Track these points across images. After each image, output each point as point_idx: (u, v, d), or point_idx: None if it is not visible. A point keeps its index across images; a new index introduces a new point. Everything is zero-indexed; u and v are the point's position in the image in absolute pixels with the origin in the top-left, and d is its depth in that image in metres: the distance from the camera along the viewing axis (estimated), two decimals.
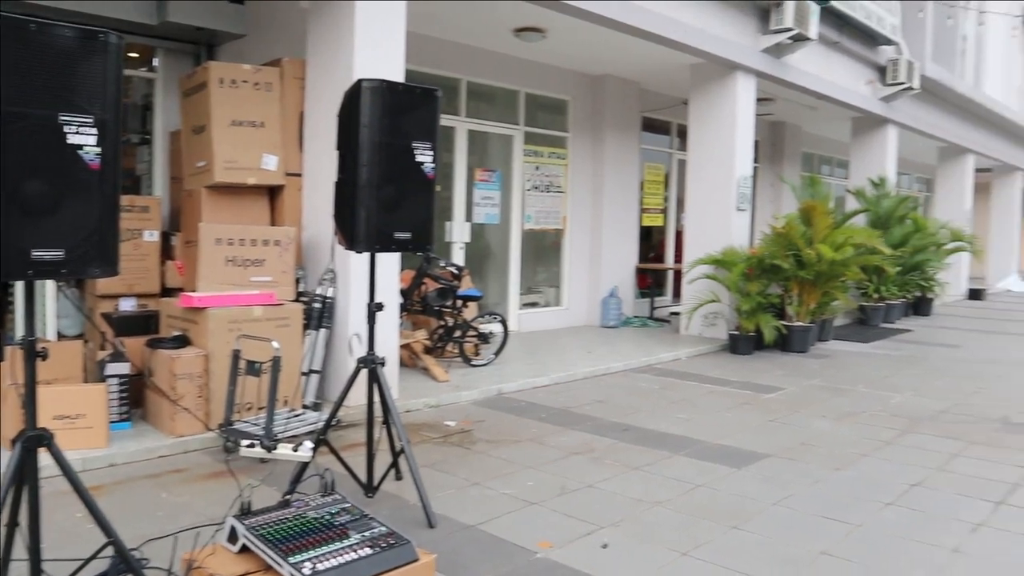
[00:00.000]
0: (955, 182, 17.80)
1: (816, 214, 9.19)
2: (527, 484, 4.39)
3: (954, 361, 9.08)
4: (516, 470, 4.64)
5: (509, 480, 4.45)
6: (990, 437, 5.71)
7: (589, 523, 3.84)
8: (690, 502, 4.17)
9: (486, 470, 4.63)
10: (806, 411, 6.32)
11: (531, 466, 4.71)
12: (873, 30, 11.78)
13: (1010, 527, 3.97)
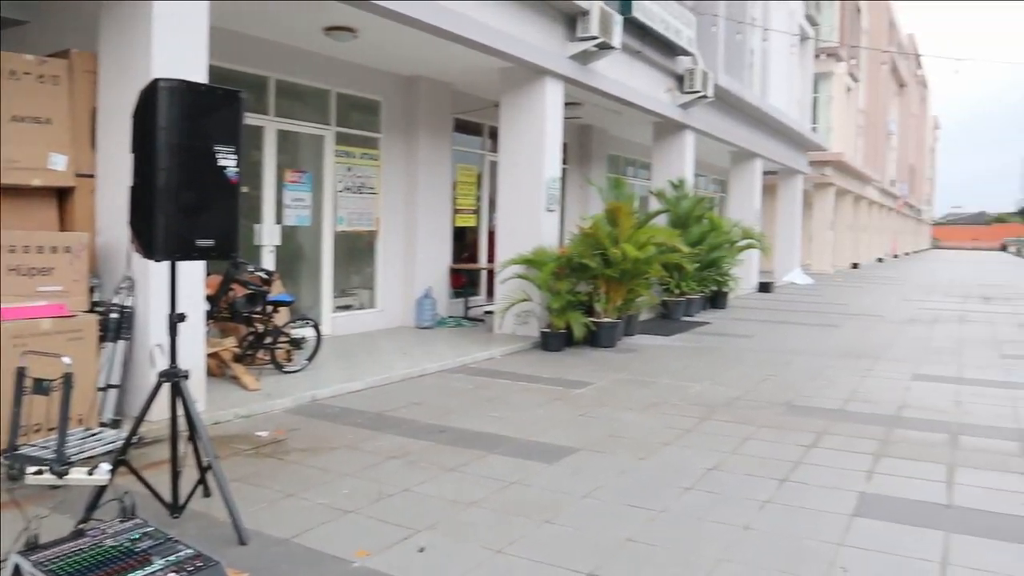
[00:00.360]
0: (746, 184, 19.20)
1: (621, 215, 9.64)
2: (343, 492, 4.34)
3: (746, 351, 9.81)
4: (331, 478, 4.57)
5: (324, 489, 4.38)
6: (776, 420, 6.22)
7: (406, 528, 3.84)
8: (504, 499, 4.27)
9: (300, 480, 4.53)
10: (613, 404, 6.62)
11: (347, 473, 4.66)
12: (672, 41, 12.50)
13: (792, 502, 4.35)
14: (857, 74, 33.54)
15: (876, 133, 39.70)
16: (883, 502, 4.40)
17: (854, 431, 5.94)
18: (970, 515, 4.25)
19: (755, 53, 18.53)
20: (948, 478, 4.87)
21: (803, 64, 23.77)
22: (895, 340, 11.14)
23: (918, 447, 5.56)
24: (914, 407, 6.85)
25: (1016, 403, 7.11)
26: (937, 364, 9.13)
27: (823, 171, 27.15)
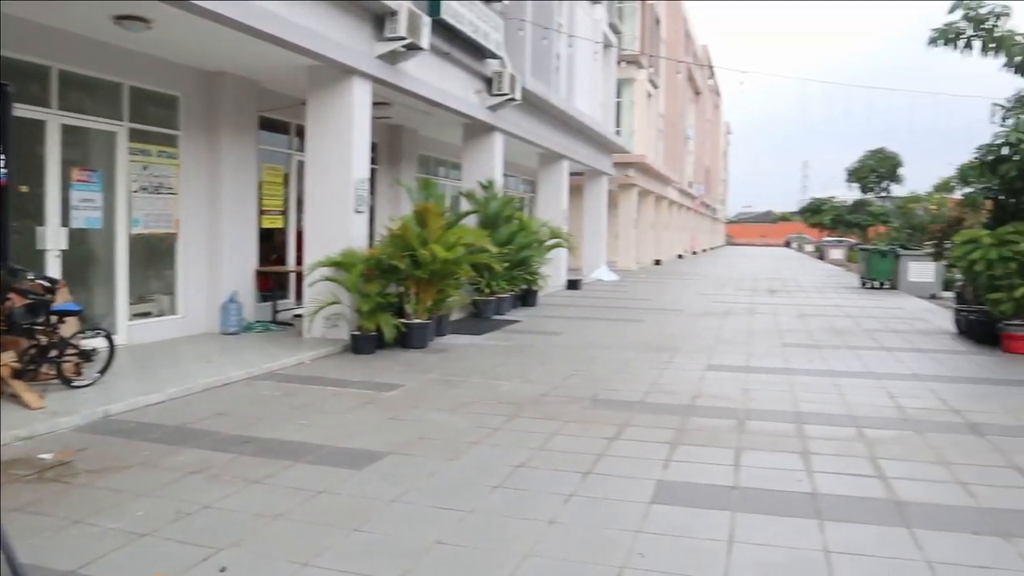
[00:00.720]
0: (554, 184, 19.81)
1: (430, 216, 9.69)
2: (137, 514, 4.09)
3: (555, 347, 10.13)
4: (124, 500, 4.30)
5: (116, 512, 4.12)
6: (582, 415, 6.47)
7: (207, 547, 3.68)
8: (312, 510, 4.19)
9: (89, 504, 4.23)
10: (424, 406, 6.65)
11: (142, 493, 4.40)
12: (480, 44, 12.68)
13: (595, 493, 4.55)
14: (657, 81, 35.40)
15: (675, 137, 42.09)
16: (678, 488, 4.69)
17: (653, 422, 6.29)
18: (753, 494, 4.60)
19: (561, 58, 19.14)
20: (735, 461, 5.26)
21: (607, 70, 24.81)
22: (692, 332, 11.88)
23: (710, 434, 5.96)
24: (707, 396, 7.33)
25: (794, 388, 7.78)
26: (728, 354, 9.81)
27: (627, 172, 28.46)
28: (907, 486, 4.81)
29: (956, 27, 10.93)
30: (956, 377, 8.64)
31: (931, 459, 5.43)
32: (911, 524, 4.16)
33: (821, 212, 56.06)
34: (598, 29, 22.19)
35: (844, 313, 15.39)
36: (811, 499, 4.54)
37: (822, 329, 12.70)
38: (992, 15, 10.78)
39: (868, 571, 3.61)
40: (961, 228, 15.58)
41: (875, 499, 4.57)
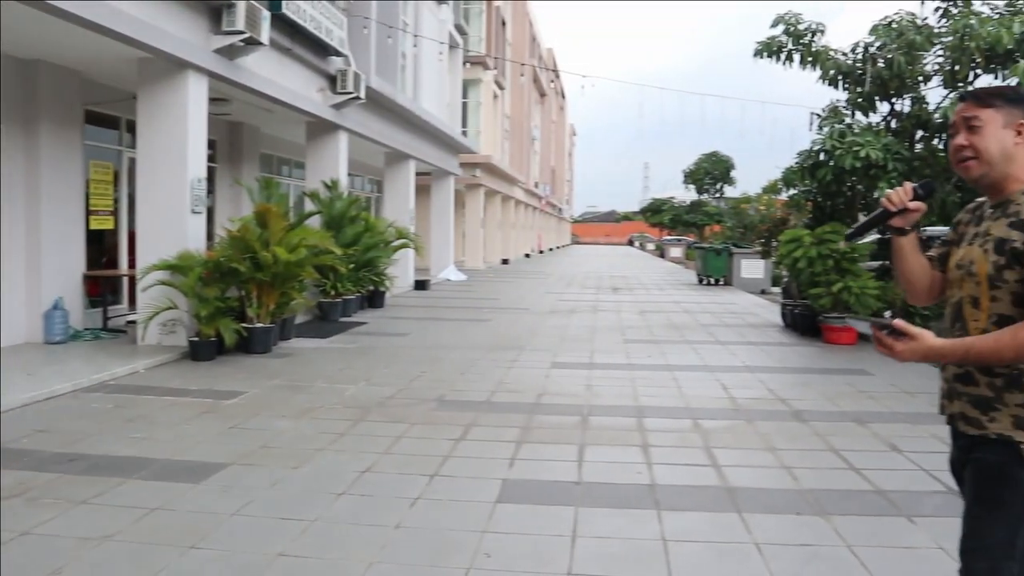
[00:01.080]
0: (400, 184, 19.68)
1: (272, 216, 9.41)
2: None
3: (402, 348, 10.07)
4: None
5: None
6: (428, 416, 6.46)
7: None
8: (145, 529, 3.97)
9: None
10: (267, 413, 6.45)
11: None
12: (323, 41, 12.42)
13: (441, 496, 4.55)
14: (503, 82, 35.83)
15: (521, 138, 42.76)
16: (523, 486, 4.76)
17: (499, 421, 6.36)
18: (596, 489, 4.74)
19: (407, 58, 19.04)
20: (579, 457, 5.40)
21: (453, 71, 24.88)
22: (538, 331, 12.10)
23: (554, 431, 6.09)
24: (552, 393, 7.49)
25: (635, 383, 8.07)
26: (572, 352, 10.06)
27: (474, 172, 28.66)
28: (738, 473, 5.10)
29: (778, 41, 11.64)
30: (782, 368, 9.22)
31: (759, 446, 5.77)
32: (741, 509, 4.41)
33: (661, 212, 58.51)
34: (444, 29, 22.22)
35: (682, 309, 16.11)
36: (650, 490, 4.72)
37: (662, 325, 13.25)
38: (809, 31, 11.55)
39: (702, 556, 3.80)
40: (786, 228, 16.66)
41: (709, 487, 4.81)
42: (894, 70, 10.74)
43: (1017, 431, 2.14)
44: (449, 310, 15.13)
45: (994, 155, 2.24)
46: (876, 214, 2.47)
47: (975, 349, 2.12)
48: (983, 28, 9.81)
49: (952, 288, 2.35)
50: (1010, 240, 2.15)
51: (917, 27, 10.90)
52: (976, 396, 2.22)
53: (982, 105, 2.26)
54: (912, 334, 2.15)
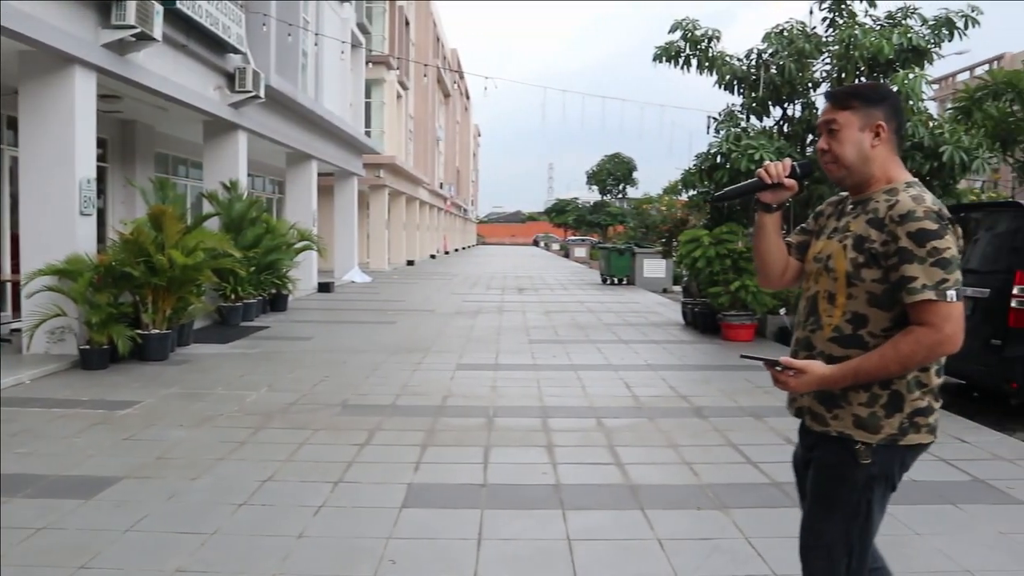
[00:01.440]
0: (303, 185, 19.30)
1: (167, 219, 9.09)
2: None
3: (305, 353, 9.89)
4: None
5: None
6: (332, 422, 6.36)
7: None
8: (30, 550, 3.77)
9: None
10: (163, 422, 6.23)
11: None
12: (220, 37, 12.08)
13: (345, 503, 4.49)
14: (407, 83, 35.60)
15: (425, 138, 42.56)
16: (428, 490, 4.74)
17: (404, 424, 6.31)
18: (501, 491, 4.76)
19: (308, 56, 18.71)
20: (484, 459, 5.41)
21: (355, 70, 24.58)
22: (443, 332, 12.07)
23: (460, 433, 6.08)
24: (457, 395, 7.49)
25: (540, 383, 8.14)
26: (478, 353, 10.08)
27: (377, 173, 28.39)
28: (641, 470, 5.20)
29: (676, 46, 11.93)
30: (683, 365, 9.46)
31: (661, 443, 5.90)
32: (644, 506, 4.50)
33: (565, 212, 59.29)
34: (346, 28, 21.93)
35: (586, 309, 16.34)
36: (555, 490, 4.77)
37: (566, 325, 13.40)
38: (706, 37, 11.88)
39: (606, 554, 3.86)
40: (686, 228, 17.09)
41: (613, 485, 4.90)
42: (786, 76, 11.15)
43: (857, 430, 2.17)
44: (353, 312, 14.94)
45: (851, 160, 2.25)
46: (749, 183, 2.44)
47: (863, 370, 2.11)
48: (866, 38, 10.29)
49: (808, 281, 2.36)
50: (869, 239, 2.16)
51: (806, 36, 11.35)
52: (823, 392, 2.22)
53: (840, 107, 2.26)
54: (799, 368, 2.16)
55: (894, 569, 3.67)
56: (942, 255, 2.05)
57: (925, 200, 2.12)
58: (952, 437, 6.15)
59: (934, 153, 9.81)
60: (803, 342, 2.32)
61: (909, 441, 2.17)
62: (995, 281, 7.05)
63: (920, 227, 2.07)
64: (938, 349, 2.06)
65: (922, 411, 2.17)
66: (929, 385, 2.19)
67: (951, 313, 2.05)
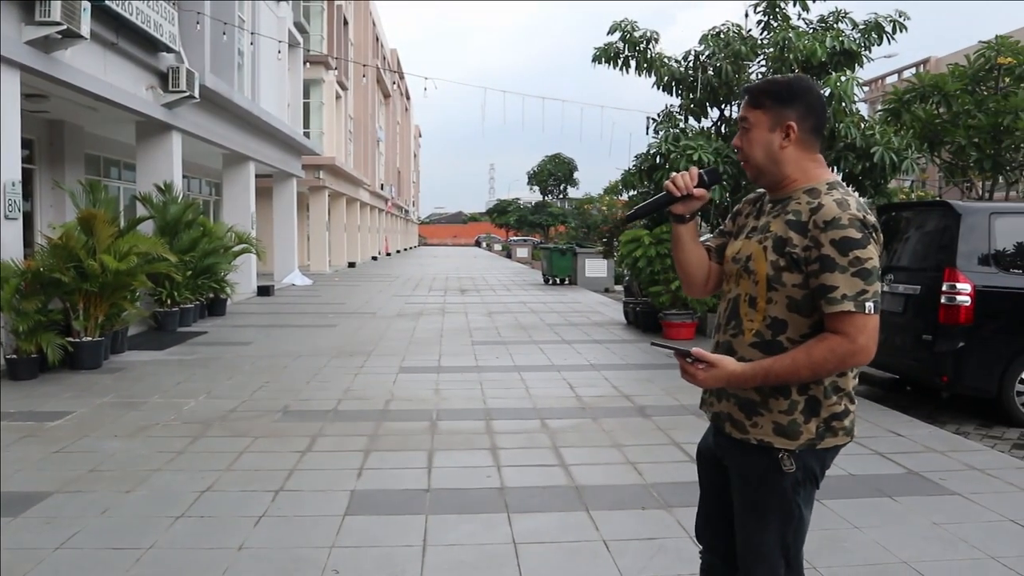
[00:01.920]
0: (240, 187, 18.94)
1: (98, 223, 8.82)
2: None
3: (244, 358, 9.69)
4: None
5: None
6: (272, 429, 6.25)
7: None
8: None
9: None
10: (96, 433, 6.04)
11: None
12: (152, 36, 11.77)
13: (287, 512, 4.40)
14: (346, 83, 35.24)
15: (365, 139, 42.18)
16: (372, 497, 4.68)
17: (347, 430, 6.23)
18: (446, 495, 4.72)
19: (244, 56, 18.38)
20: (428, 464, 5.36)
21: (293, 70, 24.23)
22: (385, 335, 11.96)
23: (403, 438, 6.03)
24: (400, 399, 7.42)
25: (483, 385, 8.11)
26: (420, 356, 10.01)
27: (317, 174, 28.02)
28: (585, 471, 5.21)
29: (615, 47, 12.02)
30: (626, 364, 9.52)
31: (605, 443, 5.93)
32: (589, 507, 4.51)
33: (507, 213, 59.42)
34: (283, 27, 21.60)
35: (529, 309, 16.36)
36: (500, 494, 4.75)
37: (509, 326, 13.40)
38: (644, 39, 11.99)
39: (552, 557, 3.85)
40: (627, 228, 17.23)
41: (557, 487, 4.90)
42: (723, 78, 11.33)
43: (777, 438, 2.13)
44: (294, 316, 14.71)
45: (759, 160, 2.20)
46: (659, 198, 2.38)
47: (773, 371, 2.07)
48: (800, 41, 10.51)
49: (729, 283, 2.31)
50: (790, 242, 2.11)
51: (742, 38, 11.53)
52: (744, 399, 2.19)
53: (753, 105, 2.21)
54: (711, 361, 2.11)
55: (834, 563, 3.77)
56: (864, 265, 2.01)
57: (850, 206, 2.07)
58: (887, 431, 6.31)
59: (866, 153, 10.06)
60: (724, 346, 2.27)
61: (826, 444, 2.15)
62: (925, 278, 7.25)
63: (844, 235, 2.02)
64: (850, 360, 2.03)
65: (838, 415, 2.15)
66: (845, 389, 2.17)
67: (867, 325, 2.02)
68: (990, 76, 12.38)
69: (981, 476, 5.18)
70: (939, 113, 12.28)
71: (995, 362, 6.95)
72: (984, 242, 7.05)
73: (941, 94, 11.97)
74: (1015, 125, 11.20)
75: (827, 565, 3.71)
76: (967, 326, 6.88)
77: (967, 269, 6.93)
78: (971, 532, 4.18)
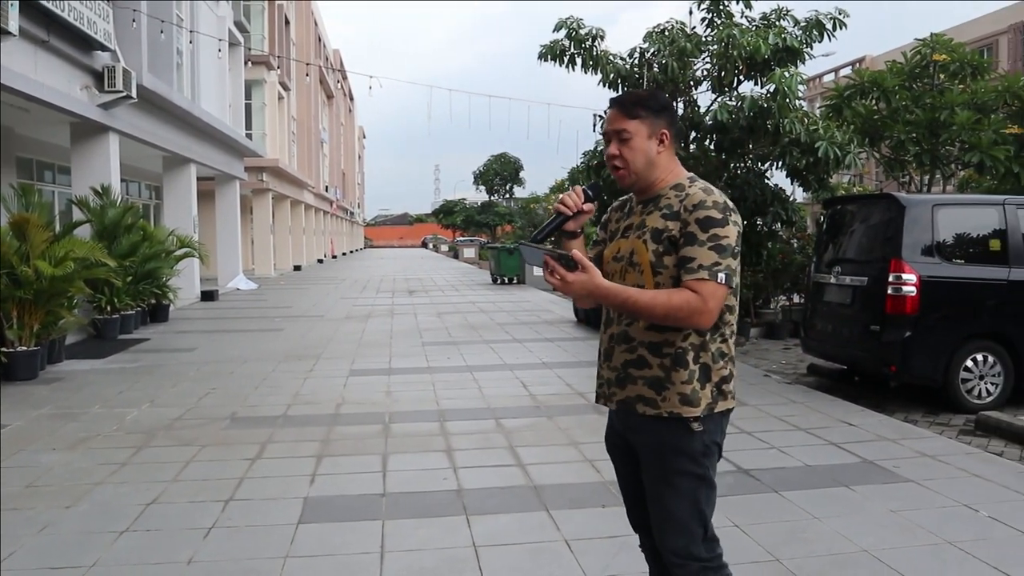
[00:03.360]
0: (182, 190, 18.48)
1: (31, 227, 8.50)
2: None
3: (189, 365, 9.43)
4: None
5: None
6: (220, 436, 6.06)
7: None
8: None
9: None
10: (33, 447, 5.78)
11: None
12: (85, 33, 11.39)
13: (238, 522, 4.25)
14: (288, 83, 34.73)
15: (309, 140, 41.65)
16: (326, 504, 4.55)
17: (298, 435, 6.08)
18: (402, 499, 4.62)
19: (183, 55, 17.95)
20: (383, 467, 5.25)
21: (234, 70, 23.76)
22: (334, 338, 11.77)
23: (356, 442, 5.90)
24: (351, 402, 7.28)
25: (435, 386, 8.01)
26: (370, 358, 9.85)
27: (260, 176, 27.56)
28: (543, 470, 5.15)
29: (561, 44, 11.98)
30: (578, 362, 9.49)
31: (562, 441, 5.87)
32: (549, 506, 4.45)
33: (453, 213, 59.24)
34: (223, 26, 21.16)
35: (478, 309, 16.28)
36: (457, 496, 4.66)
37: (459, 326, 13.30)
38: (590, 36, 11.98)
39: (514, 559, 3.77)
40: None
41: (516, 487, 4.82)
42: (668, 75, 11.35)
43: (684, 407, 2.29)
44: (240, 321, 14.40)
45: (640, 166, 2.39)
46: (556, 219, 2.50)
47: (632, 299, 2.23)
48: (744, 38, 10.58)
49: (613, 280, 2.40)
50: (667, 229, 2.31)
51: (687, 35, 11.58)
52: (651, 377, 2.34)
53: (629, 116, 2.38)
54: (585, 266, 2.21)
55: (796, 554, 3.76)
56: (720, 242, 2.24)
57: (713, 192, 2.32)
58: (839, 421, 6.37)
59: (810, 148, 10.17)
60: (620, 336, 2.43)
61: (721, 408, 2.35)
62: (872, 270, 7.35)
63: (707, 215, 2.26)
64: (697, 317, 2.21)
65: (726, 378, 2.35)
66: (729, 354, 2.38)
67: (716, 292, 2.22)
68: (926, 72, 12.67)
69: (933, 462, 5.26)
70: (879, 109, 12.50)
71: (940, 351, 7.08)
72: (928, 233, 7.18)
73: (880, 90, 12.18)
74: (951, 120, 11.47)
75: (790, 557, 3.71)
76: (913, 316, 6.99)
77: (912, 260, 7.04)
78: (927, 518, 4.22)
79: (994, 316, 7.22)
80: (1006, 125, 11.49)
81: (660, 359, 2.33)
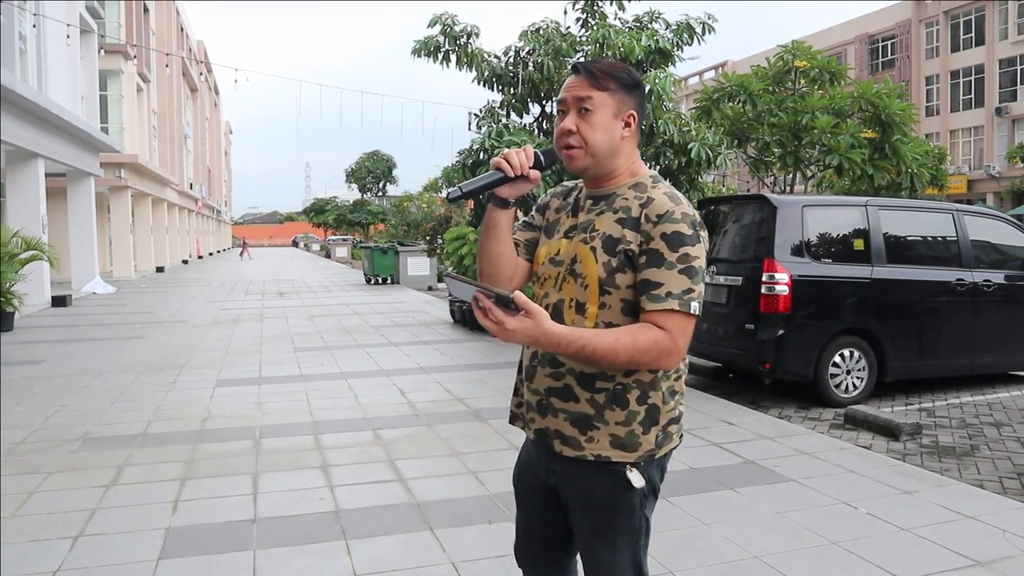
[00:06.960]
0: (27, 188, 17.18)
1: None
2: None
3: (36, 379, 8.67)
4: None
5: None
6: (70, 461, 5.53)
7: None
8: None
9: None
10: None
11: None
12: None
13: (88, 561, 3.83)
14: (148, 75, 33.01)
15: (172, 135, 39.77)
16: (190, 534, 4.17)
17: (159, 456, 5.62)
18: (275, 525, 4.29)
19: (27, 40, 16.68)
20: (253, 489, 4.89)
21: (87, 58, 22.33)
22: (199, 345, 11.14)
23: (223, 461, 5.50)
24: (219, 417, 6.83)
25: (309, 395, 7.65)
26: (239, 366, 9.35)
27: (118, 173, 26.07)
28: (425, 485, 4.92)
29: (435, 41, 11.75)
30: (457, 366, 9.30)
31: (443, 452, 5.66)
32: (433, 525, 4.23)
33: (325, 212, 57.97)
34: (73, 11, 19.82)
35: (352, 311, 15.85)
36: (335, 518, 4.38)
37: (332, 329, 12.87)
38: (465, 33, 11.80)
39: None
40: (450, 226, 17.07)
41: (397, 505, 4.58)
42: (544, 74, 11.32)
43: (615, 451, 1.96)
44: (95, 328, 13.46)
45: (602, 148, 1.98)
46: (490, 176, 2.05)
47: (590, 347, 1.82)
48: (618, 39, 10.66)
49: (545, 286, 2.08)
50: (623, 239, 1.94)
51: (562, 35, 11.58)
52: (576, 414, 1.98)
53: (597, 86, 1.97)
54: (530, 311, 1.76)
55: (689, 564, 3.69)
56: (692, 263, 1.88)
57: (681, 201, 1.95)
58: (719, 420, 6.44)
59: (683, 149, 10.34)
60: (546, 358, 2.02)
61: (664, 451, 2.02)
62: (746, 270, 7.49)
63: (676, 230, 1.89)
64: (666, 359, 1.88)
65: (675, 419, 2.05)
66: (680, 392, 2.07)
67: (686, 328, 1.88)
68: (788, 77, 13.17)
69: (810, 460, 5.35)
70: (745, 111, 12.90)
71: (810, 348, 7.29)
72: (798, 233, 7.37)
73: (747, 93, 12.57)
74: (812, 123, 11.94)
75: (683, 568, 3.63)
76: (785, 314, 7.15)
77: (784, 259, 7.21)
78: (810, 519, 4.25)
79: (859, 313, 7.49)
80: (862, 129, 12.07)
81: (591, 394, 1.96)
